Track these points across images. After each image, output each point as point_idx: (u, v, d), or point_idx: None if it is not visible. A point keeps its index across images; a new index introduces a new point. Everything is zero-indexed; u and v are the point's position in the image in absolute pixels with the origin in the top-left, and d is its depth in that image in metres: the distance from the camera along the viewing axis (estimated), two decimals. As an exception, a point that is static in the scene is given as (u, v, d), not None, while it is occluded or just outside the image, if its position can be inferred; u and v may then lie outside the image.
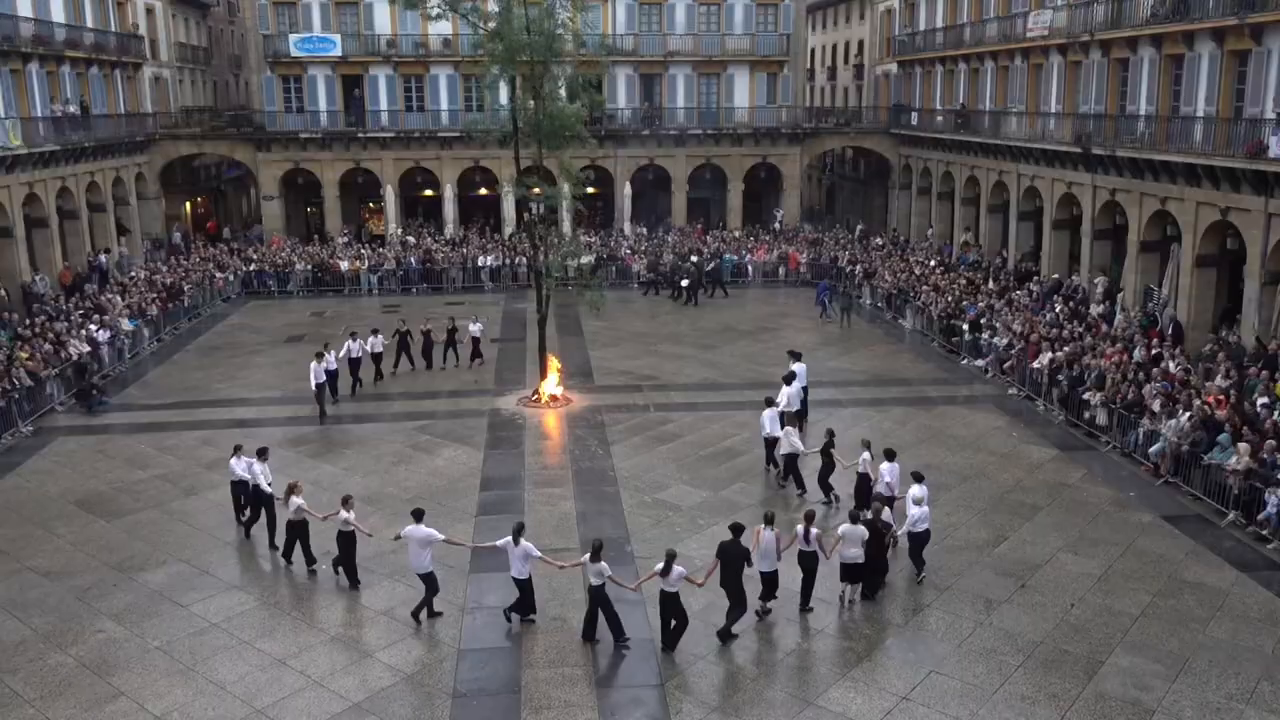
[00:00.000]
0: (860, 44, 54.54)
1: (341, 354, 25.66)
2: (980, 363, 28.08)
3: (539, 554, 14.32)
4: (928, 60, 44.28)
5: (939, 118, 42.81)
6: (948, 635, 14.30)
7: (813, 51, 63.11)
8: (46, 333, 27.42)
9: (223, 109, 55.76)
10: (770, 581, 14.65)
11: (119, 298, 32.73)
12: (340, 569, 15.82)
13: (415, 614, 14.62)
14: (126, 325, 30.18)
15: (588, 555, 13.88)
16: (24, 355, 24.99)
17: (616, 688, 13.16)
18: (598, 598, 13.89)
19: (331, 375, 24.82)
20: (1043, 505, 18.80)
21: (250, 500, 17.61)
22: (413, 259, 40.93)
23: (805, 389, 23.34)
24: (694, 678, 13.35)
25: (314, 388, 24.03)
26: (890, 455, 17.46)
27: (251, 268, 40.47)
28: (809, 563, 14.86)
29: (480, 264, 40.91)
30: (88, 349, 27.29)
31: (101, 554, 16.96)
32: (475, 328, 28.84)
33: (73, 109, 37.87)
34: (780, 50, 47.42)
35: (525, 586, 14.40)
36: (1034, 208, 35.92)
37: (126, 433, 23.47)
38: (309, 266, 40.34)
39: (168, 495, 19.52)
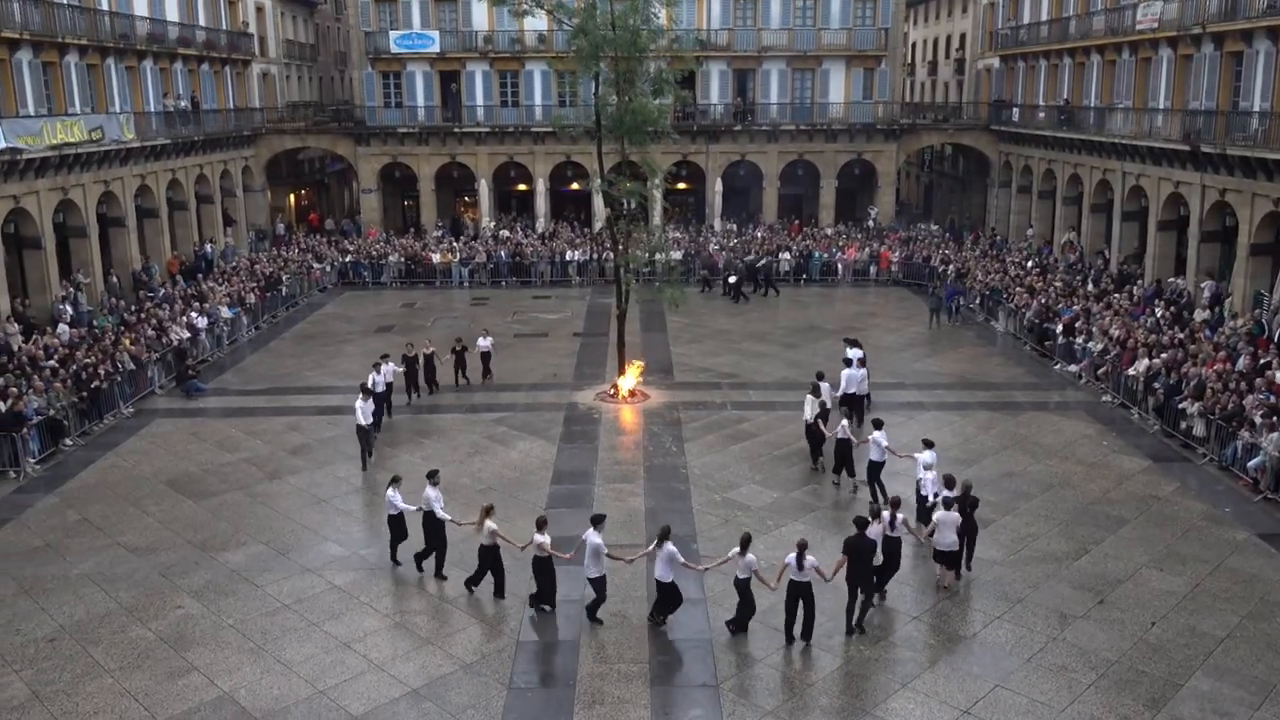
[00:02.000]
0: (962, 38, 53.18)
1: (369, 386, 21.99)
2: (1074, 368, 27.11)
3: (683, 560, 14.07)
4: (1031, 54, 42.89)
5: (1041, 113, 41.43)
6: (1017, 649, 13.83)
7: (913, 46, 61.89)
8: (150, 318, 28.64)
9: (327, 104, 57.38)
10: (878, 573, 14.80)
11: (219, 286, 33.97)
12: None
13: (589, 614, 14.48)
14: (225, 313, 31.32)
15: (736, 549, 13.85)
16: (127, 340, 26.14)
17: (672, 686, 13.10)
18: (743, 591, 13.90)
19: (375, 414, 21.63)
20: (1130, 518, 18.04)
21: (426, 530, 15.93)
22: (502, 252, 41.47)
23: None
24: (751, 680, 13.21)
25: (357, 429, 20.59)
26: (878, 425, 18.59)
27: (347, 259, 41.54)
28: (893, 547, 14.97)
29: (568, 258, 41.23)
30: (188, 335, 28.41)
31: (186, 533, 17.63)
32: (485, 342, 26.85)
33: (184, 104, 39.45)
34: (878, 45, 46.56)
35: (670, 590, 14.06)
36: (1139, 208, 34.49)
37: (219, 417, 24.35)
38: (402, 258, 41.22)
39: (253, 479, 20.18)
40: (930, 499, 16.55)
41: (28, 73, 30.09)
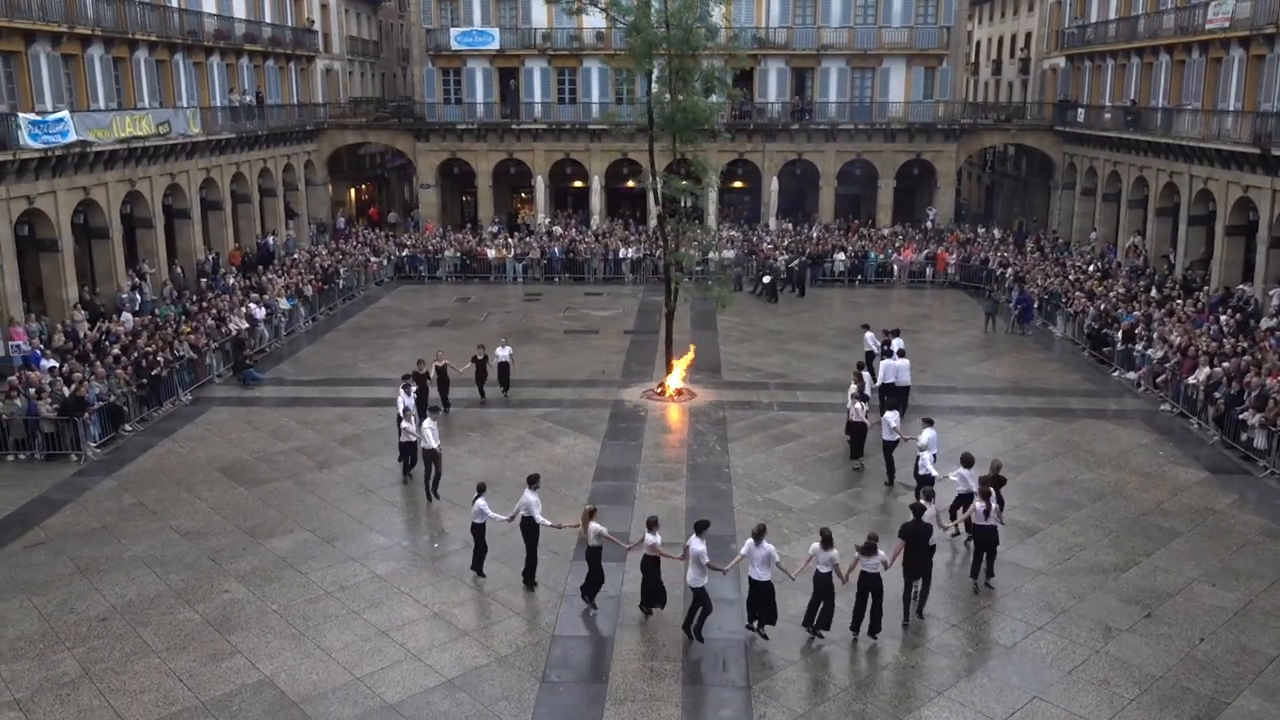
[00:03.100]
0: (1028, 37, 52.21)
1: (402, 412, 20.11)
2: (1132, 375, 26.50)
3: (778, 559, 13.77)
4: (1098, 54, 41.96)
5: (1107, 114, 40.53)
6: (1058, 661, 13.57)
7: (977, 44, 61.00)
8: (211, 309, 29.32)
9: (390, 100, 58.22)
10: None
11: (278, 277, 34.65)
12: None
13: (687, 626, 13.93)
14: (284, 304, 31.93)
15: (818, 543, 13.80)
16: (187, 330, 26.80)
17: (703, 686, 13.08)
18: (822, 586, 13.82)
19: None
20: (1183, 530, 17.59)
21: (525, 535, 15.43)
22: (556, 249, 41.71)
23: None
24: (784, 683, 13.14)
25: (426, 453, 18.82)
26: (892, 406, 20.12)
27: (404, 253, 42.08)
28: (990, 535, 15.34)
29: (621, 255, 41.33)
30: (246, 325, 29.02)
31: (236, 519, 18.04)
32: (503, 352, 25.02)
33: (249, 99, 40.31)
34: (940, 43, 45.94)
35: (765, 590, 13.76)
36: (1206, 212, 33.59)
37: (273, 406, 24.85)
38: (457, 253, 41.66)
39: (303, 467, 20.56)
40: (933, 475, 17.28)
41: (99, 68, 30.99)
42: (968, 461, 16.56)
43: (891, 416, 19.35)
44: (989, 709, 12.52)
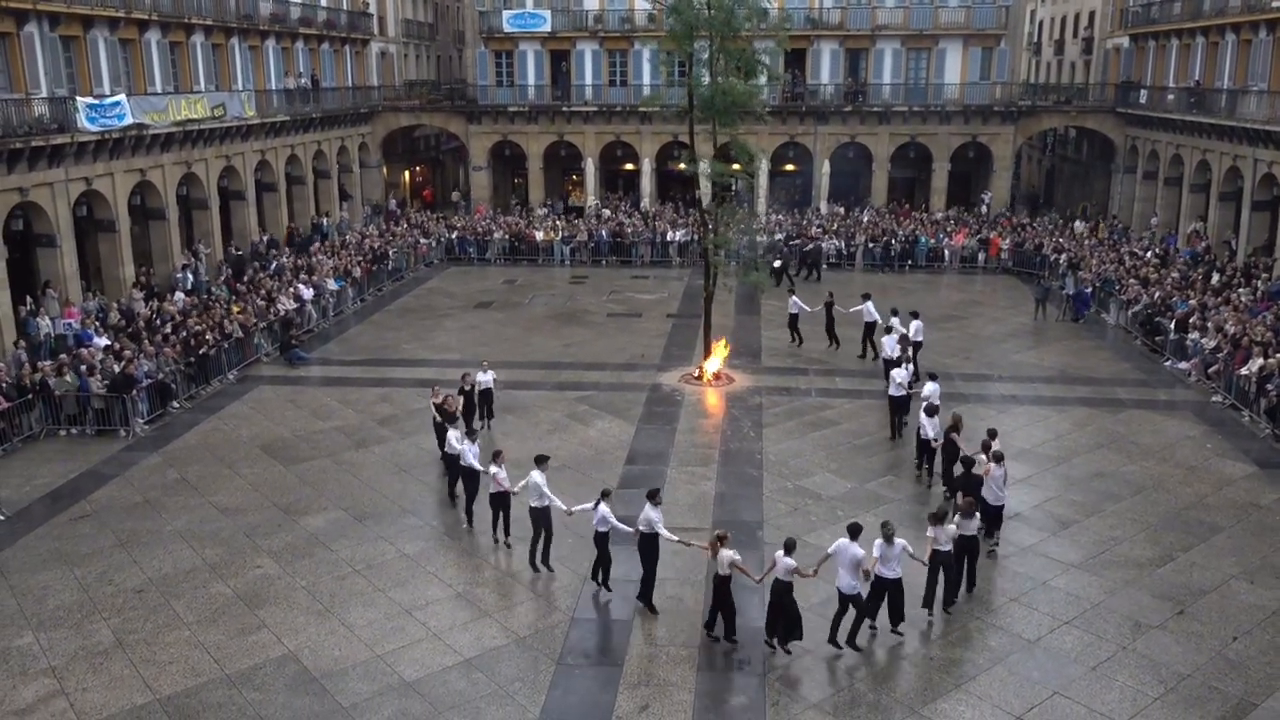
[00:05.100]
0: (1091, 15, 50.80)
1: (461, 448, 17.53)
2: (1184, 365, 25.79)
3: (912, 551, 13.51)
4: (1162, 33, 40.72)
5: (1170, 95, 39.32)
6: (1082, 656, 13.33)
7: (1040, 24, 59.55)
8: (259, 289, 29.89)
9: (444, 83, 58.62)
10: (997, 517, 16.15)
11: (326, 259, 35.16)
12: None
13: (834, 639, 13.34)
14: (332, 285, 32.41)
15: (932, 526, 14.18)
16: (236, 309, 27.37)
17: (719, 672, 13.08)
18: (949, 565, 14.26)
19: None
20: (1224, 526, 17.12)
21: (642, 552, 14.45)
22: (604, 231, 41.74)
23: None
24: (799, 672, 13.09)
25: (547, 508, 15.65)
26: (897, 364, 21.77)
27: (454, 235, 42.44)
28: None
29: (669, 238, 41.22)
30: (294, 306, 29.54)
31: (273, 496, 18.43)
32: (485, 377, 21.75)
33: (304, 82, 40.89)
34: (998, 23, 44.95)
35: (898, 588, 13.50)
36: (1271, 197, 32.50)
37: (317, 385, 25.29)
38: (506, 236, 41.90)
39: (341, 446, 20.92)
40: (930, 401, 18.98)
41: (155, 52, 31.68)
42: (931, 411, 18.51)
43: (899, 374, 20.82)
44: (1007, 703, 12.35)
